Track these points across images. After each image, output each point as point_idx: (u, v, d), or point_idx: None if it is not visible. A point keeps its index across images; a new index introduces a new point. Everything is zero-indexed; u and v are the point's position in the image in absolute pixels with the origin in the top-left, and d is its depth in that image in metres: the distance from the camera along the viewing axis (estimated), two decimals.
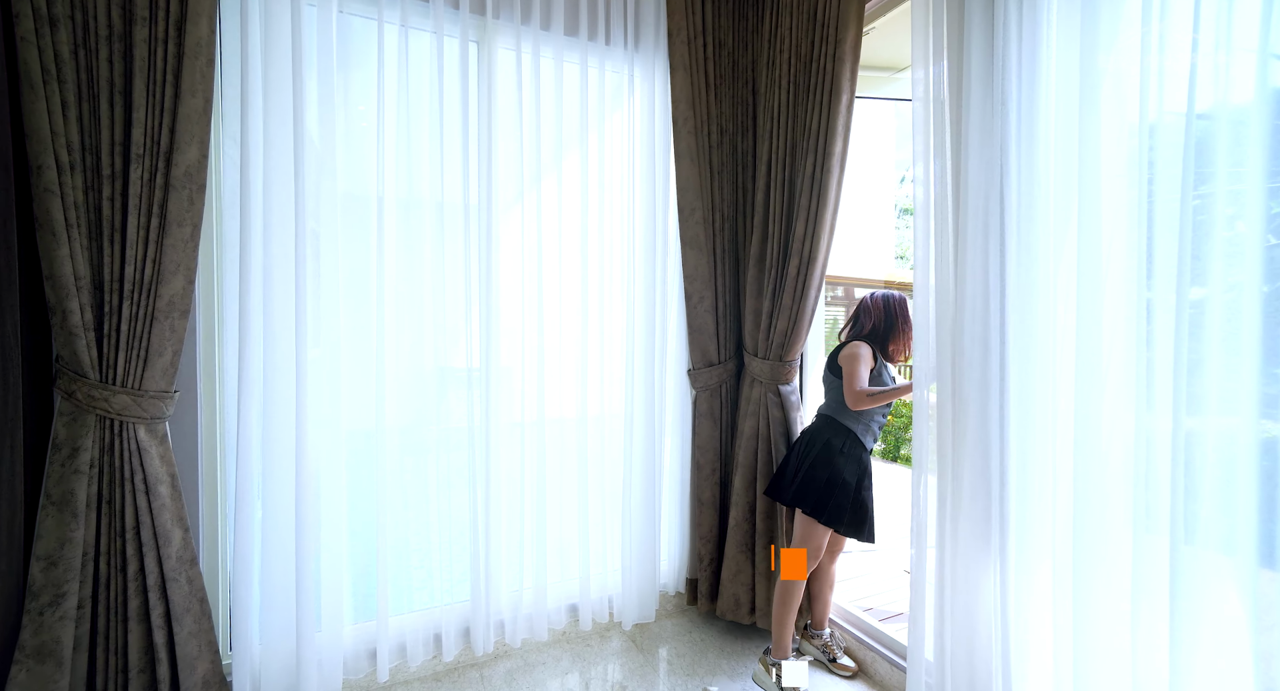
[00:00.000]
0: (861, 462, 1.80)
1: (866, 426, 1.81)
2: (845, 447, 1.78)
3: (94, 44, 1.30)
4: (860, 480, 1.80)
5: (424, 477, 1.95)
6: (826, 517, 1.74)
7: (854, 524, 1.80)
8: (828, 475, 1.75)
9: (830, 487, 1.74)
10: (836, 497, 1.74)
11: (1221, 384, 1.00)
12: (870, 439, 1.82)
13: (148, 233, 1.39)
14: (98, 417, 1.35)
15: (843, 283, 10.61)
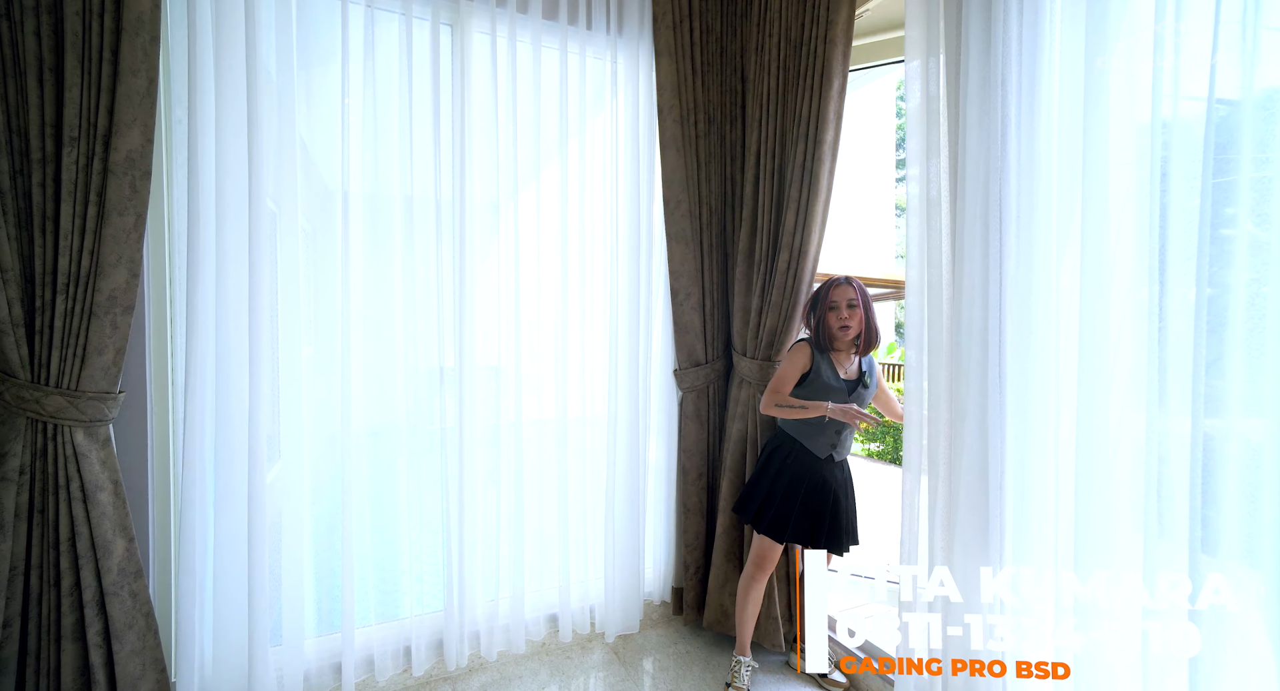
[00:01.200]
0: (810, 472, 1.67)
1: (816, 434, 1.68)
2: (789, 457, 1.69)
3: (18, 16, 1.20)
4: (811, 490, 1.67)
5: (393, 481, 1.86)
6: (765, 527, 1.68)
7: (801, 535, 1.67)
8: (767, 484, 1.71)
9: (771, 497, 1.69)
10: (778, 508, 1.66)
11: (1243, 384, 0.91)
12: (823, 447, 1.68)
13: (84, 221, 1.29)
14: (29, 420, 1.25)
15: None
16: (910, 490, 1.42)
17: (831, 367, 1.68)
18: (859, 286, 1.65)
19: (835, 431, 1.67)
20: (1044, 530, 1.22)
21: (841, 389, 1.66)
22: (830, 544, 1.68)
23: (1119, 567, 1.09)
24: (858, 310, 1.64)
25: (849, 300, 1.64)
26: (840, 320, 1.64)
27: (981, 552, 1.29)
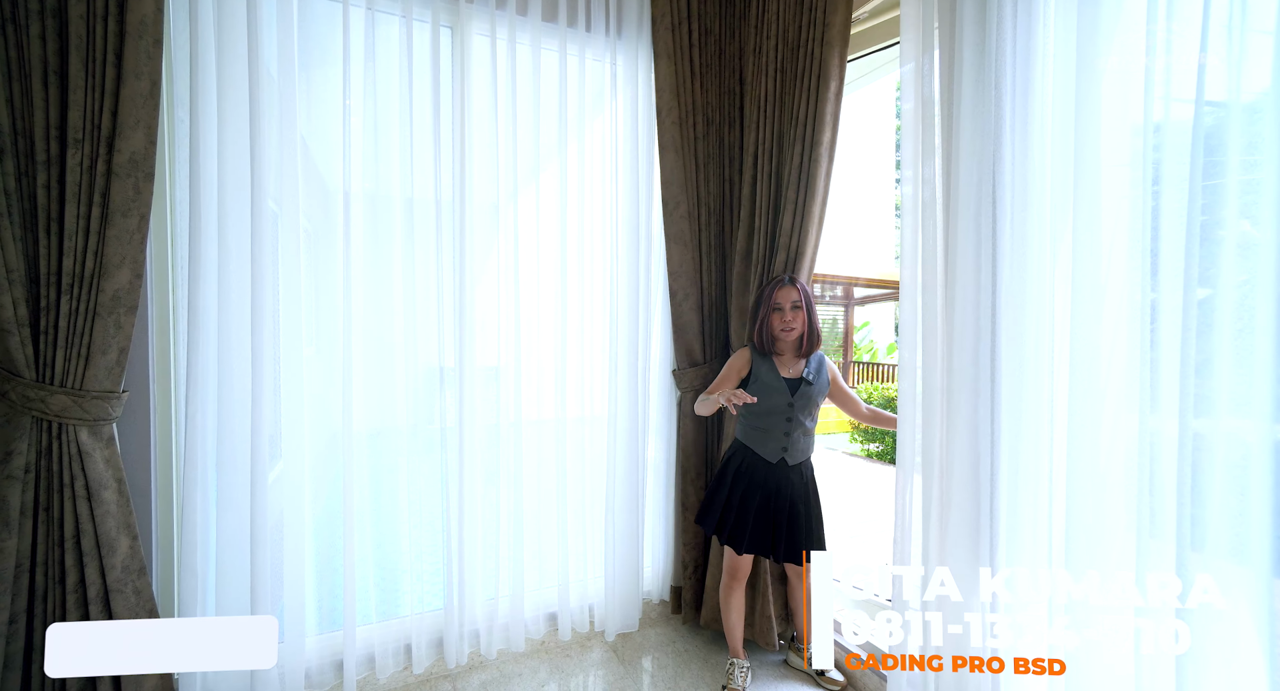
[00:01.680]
0: (764, 479, 1.67)
1: (764, 439, 1.68)
2: (743, 464, 1.71)
3: (24, 19, 1.22)
4: (765, 499, 1.66)
5: (394, 481, 1.87)
6: (725, 538, 1.70)
7: (758, 545, 1.67)
8: (724, 493, 1.72)
9: (729, 506, 1.70)
10: (735, 517, 1.68)
11: (1232, 385, 0.92)
12: (773, 452, 1.66)
13: (89, 223, 1.30)
14: (34, 419, 1.27)
15: (842, 282, 10.55)
16: (904, 490, 1.43)
17: (772, 368, 1.68)
18: (802, 287, 1.66)
19: (784, 433, 1.65)
20: (1037, 530, 1.23)
21: (783, 389, 1.65)
22: (789, 555, 1.65)
23: (1111, 566, 1.10)
24: (801, 311, 1.65)
25: (793, 302, 1.65)
26: (784, 321, 1.64)
27: (974, 552, 1.30)
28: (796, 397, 1.65)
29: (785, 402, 1.64)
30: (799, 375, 1.68)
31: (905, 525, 1.43)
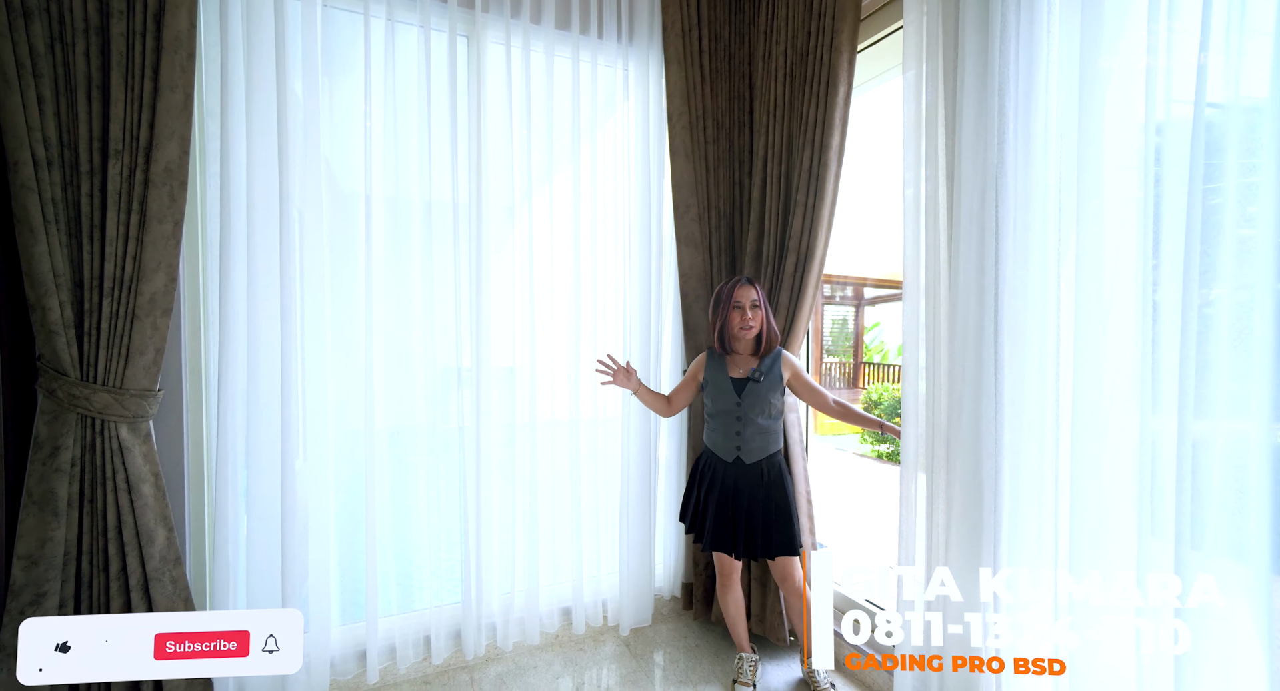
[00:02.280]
0: (722, 478, 1.70)
1: (718, 439, 1.72)
2: (705, 465, 1.77)
3: (70, 38, 1.29)
4: (721, 497, 1.70)
5: (413, 479, 1.93)
6: (698, 536, 1.76)
7: (720, 543, 1.69)
8: (693, 493, 1.79)
9: (698, 506, 1.76)
10: (701, 517, 1.74)
11: (1231, 386, 0.95)
12: (728, 451, 1.70)
13: (128, 229, 1.37)
14: (79, 416, 1.34)
15: (852, 282, 10.52)
16: (908, 491, 1.46)
17: (722, 368, 1.72)
18: (759, 288, 1.71)
19: (735, 432, 1.68)
20: (1042, 529, 1.25)
21: (729, 389, 1.70)
22: (749, 552, 1.68)
23: (1112, 566, 1.12)
24: (759, 310, 1.68)
25: (752, 301, 1.68)
26: (743, 320, 1.67)
27: (977, 552, 1.32)
28: (744, 396, 1.67)
29: (733, 402, 1.68)
30: (746, 373, 1.70)
31: (910, 526, 1.45)
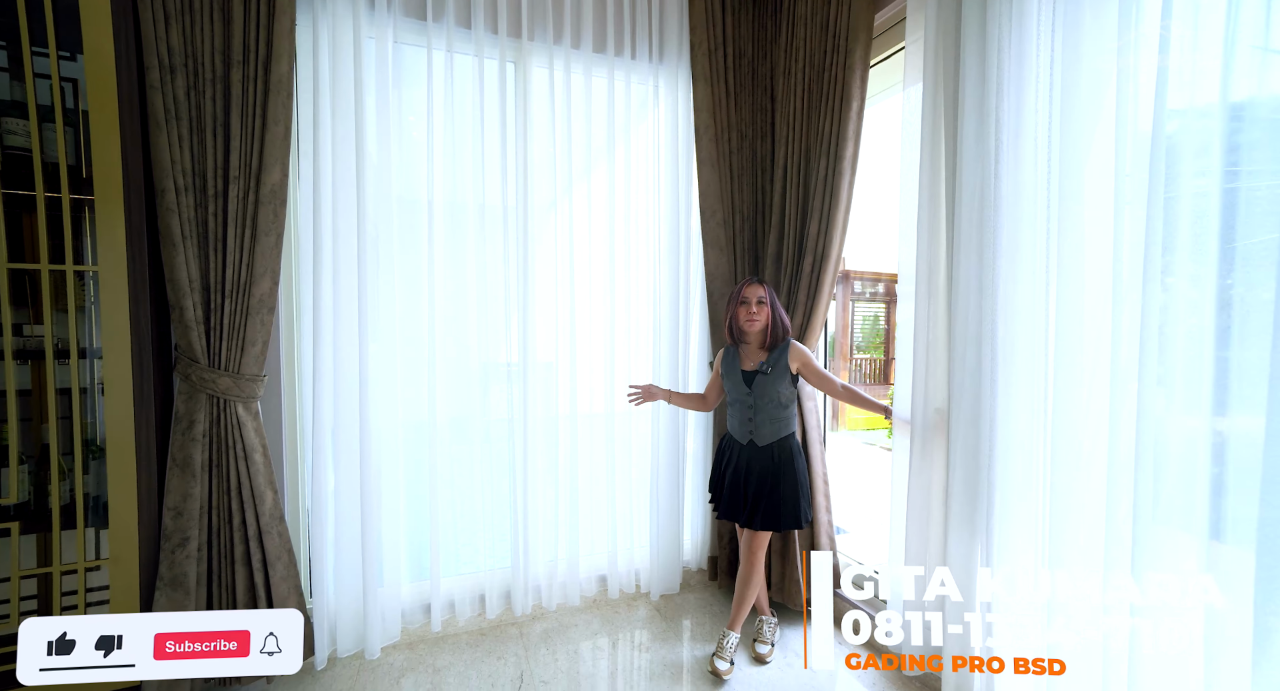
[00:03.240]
0: (735, 457, 1.90)
1: (734, 423, 1.92)
2: (724, 445, 1.97)
3: (202, 86, 1.57)
4: (734, 473, 1.88)
5: (470, 460, 2.18)
6: (715, 505, 2.00)
7: (732, 512, 1.89)
8: (715, 469, 2.01)
9: (714, 478, 2.00)
10: (717, 487, 1.97)
11: (1186, 382, 1.09)
12: (742, 433, 1.87)
13: (242, 242, 1.65)
14: (207, 396, 1.63)
15: (884, 279, 10.45)
16: (904, 488, 1.61)
17: (735, 360, 1.89)
18: (768, 287, 1.85)
19: (748, 419, 1.86)
20: (1028, 526, 1.38)
21: (740, 381, 1.87)
22: (747, 522, 1.86)
23: (1089, 557, 1.24)
24: (765, 307, 1.82)
25: (758, 297, 1.82)
26: (748, 314, 1.81)
27: (970, 549, 1.48)
28: (754, 387, 1.83)
29: (745, 392, 1.85)
30: (756, 367, 1.85)
31: (916, 524, 1.62)
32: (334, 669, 1.84)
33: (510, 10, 2.07)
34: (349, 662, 1.88)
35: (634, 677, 1.83)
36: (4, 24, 1.40)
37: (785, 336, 1.85)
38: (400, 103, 1.99)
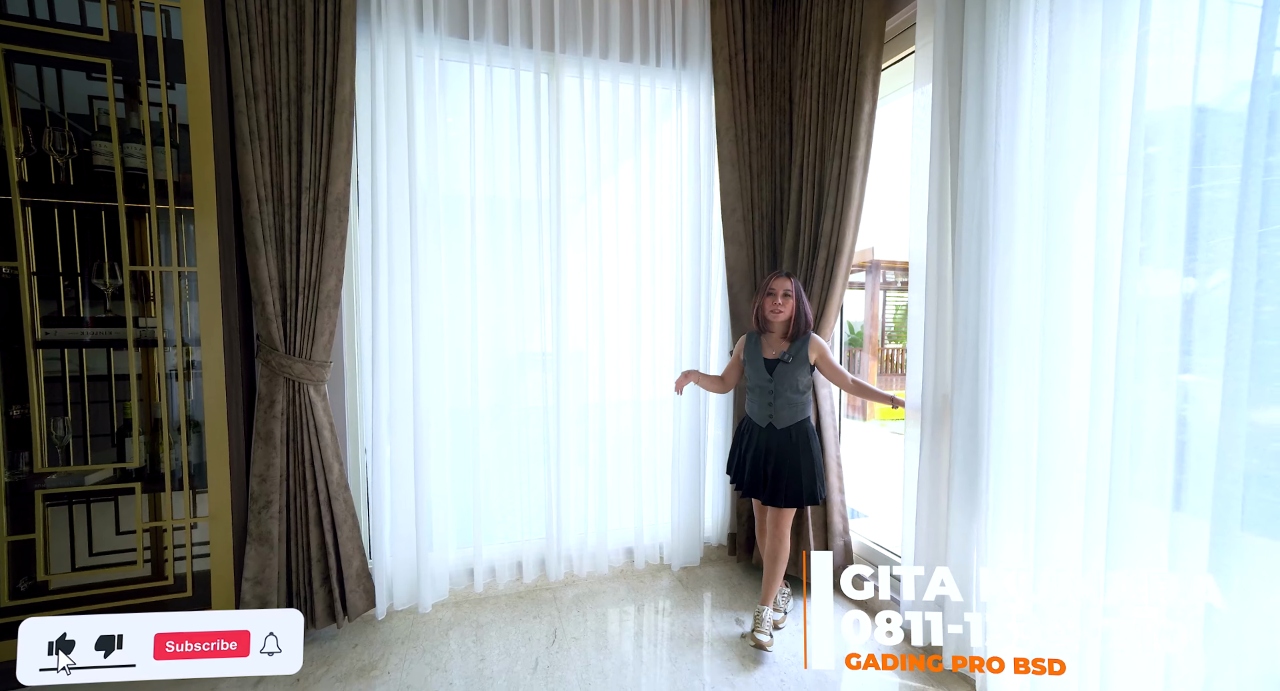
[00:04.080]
0: (755, 439, 2.01)
1: (753, 407, 2.02)
2: (744, 427, 2.09)
3: (279, 109, 1.79)
4: (754, 455, 1.99)
5: (508, 441, 2.39)
6: (736, 485, 2.09)
7: (753, 490, 2.00)
8: (734, 449, 2.11)
9: (733, 459, 2.11)
10: (738, 467, 2.06)
11: (1159, 367, 1.19)
12: (761, 417, 1.98)
13: (312, 244, 1.88)
14: (285, 379, 1.87)
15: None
16: (914, 470, 1.73)
17: (757, 348, 1.99)
18: (795, 282, 1.94)
19: (768, 403, 1.97)
20: (1019, 501, 1.49)
21: (762, 368, 1.97)
22: (771, 500, 1.96)
23: (1071, 528, 1.34)
24: (790, 299, 1.91)
25: (784, 290, 1.91)
26: (774, 305, 1.91)
27: (974, 495, 1.60)
28: (775, 374, 1.94)
29: (766, 379, 1.95)
30: (778, 355, 1.96)
31: (920, 487, 1.74)
32: (391, 620, 2.09)
33: (544, 26, 2.24)
34: (404, 615, 2.13)
35: (657, 637, 2.02)
36: (124, 63, 1.65)
37: (807, 329, 1.95)
38: (446, 113, 2.19)
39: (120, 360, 1.89)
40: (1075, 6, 1.31)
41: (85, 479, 1.76)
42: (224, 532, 1.80)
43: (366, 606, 2.00)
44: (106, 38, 1.60)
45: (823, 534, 2.33)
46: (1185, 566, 1.11)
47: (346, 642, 1.95)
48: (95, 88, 1.77)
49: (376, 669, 1.80)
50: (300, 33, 1.80)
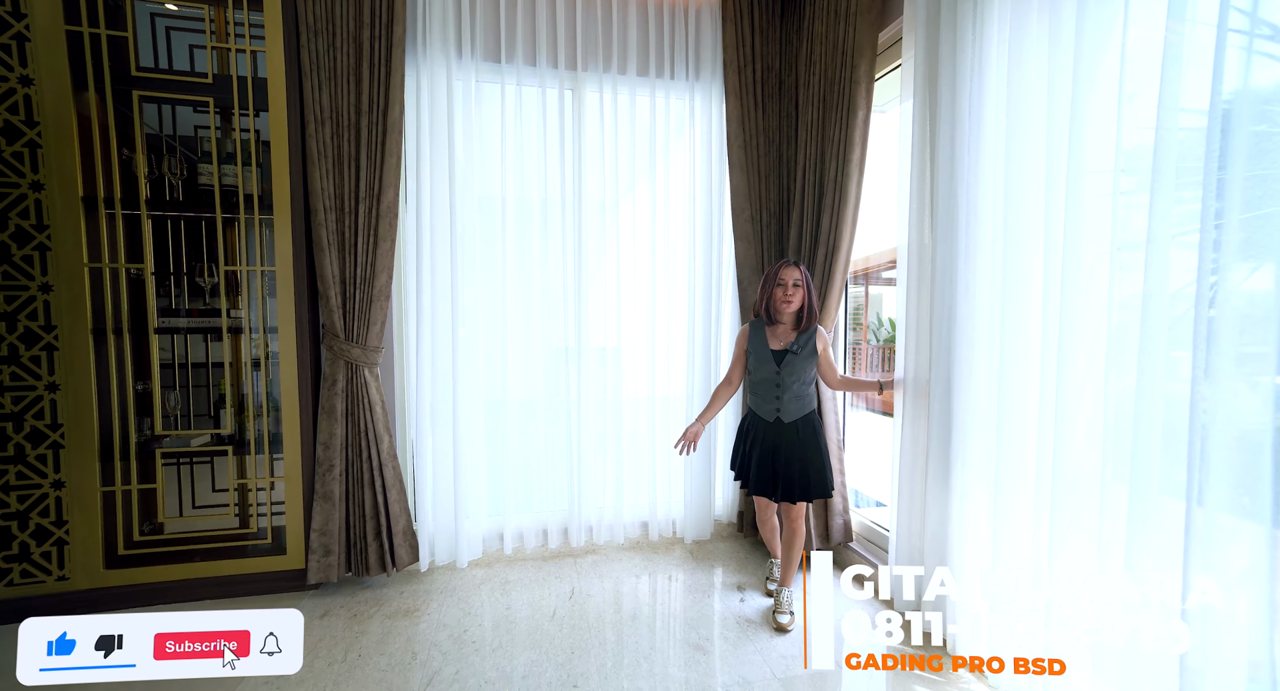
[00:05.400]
0: (763, 435, 1.98)
1: (760, 402, 2.01)
2: (750, 423, 2.06)
3: (341, 132, 2.11)
4: (763, 451, 1.97)
5: (534, 423, 2.67)
6: (743, 483, 2.10)
7: (761, 487, 1.99)
8: (739, 446, 2.10)
9: (736, 456, 2.11)
10: (743, 465, 2.06)
11: (1090, 346, 1.32)
12: (769, 412, 1.96)
13: (367, 246, 2.19)
14: (344, 363, 2.19)
15: None
16: (898, 444, 1.89)
17: (763, 339, 1.97)
18: (804, 270, 1.94)
19: (775, 397, 1.96)
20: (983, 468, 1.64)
21: (769, 359, 1.95)
22: (785, 496, 1.95)
23: (1025, 488, 1.49)
24: (800, 289, 1.91)
25: (794, 280, 1.90)
26: (785, 295, 1.90)
27: (946, 469, 1.75)
28: (783, 366, 1.93)
29: (773, 371, 1.93)
30: (785, 346, 1.94)
31: (900, 463, 1.90)
32: (432, 573, 2.40)
33: (567, 47, 2.49)
34: (444, 570, 2.43)
35: (669, 598, 2.24)
36: (222, 98, 2.00)
37: (817, 320, 1.97)
38: (481, 127, 2.48)
39: (214, 345, 2.27)
40: (1031, 30, 1.45)
41: (191, 441, 2.13)
42: (296, 491, 2.14)
43: (411, 560, 2.31)
44: (210, 80, 1.96)
45: (823, 513, 2.49)
46: (1110, 528, 1.25)
47: (394, 589, 2.26)
48: (200, 119, 2.13)
49: (419, 611, 2.10)
50: (359, 66, 2.11)
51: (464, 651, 1.84)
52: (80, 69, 1.88)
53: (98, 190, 1.94)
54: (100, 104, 1.93)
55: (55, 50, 1.84)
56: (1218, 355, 1.06)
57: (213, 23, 2.03)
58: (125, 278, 1.98)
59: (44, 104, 1.84)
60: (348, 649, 1.84)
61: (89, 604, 1.92)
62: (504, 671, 1.74)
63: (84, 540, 1.96)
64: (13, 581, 1.92)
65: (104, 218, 1.96)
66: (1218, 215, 1.09)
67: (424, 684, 1.67)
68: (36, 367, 1.90)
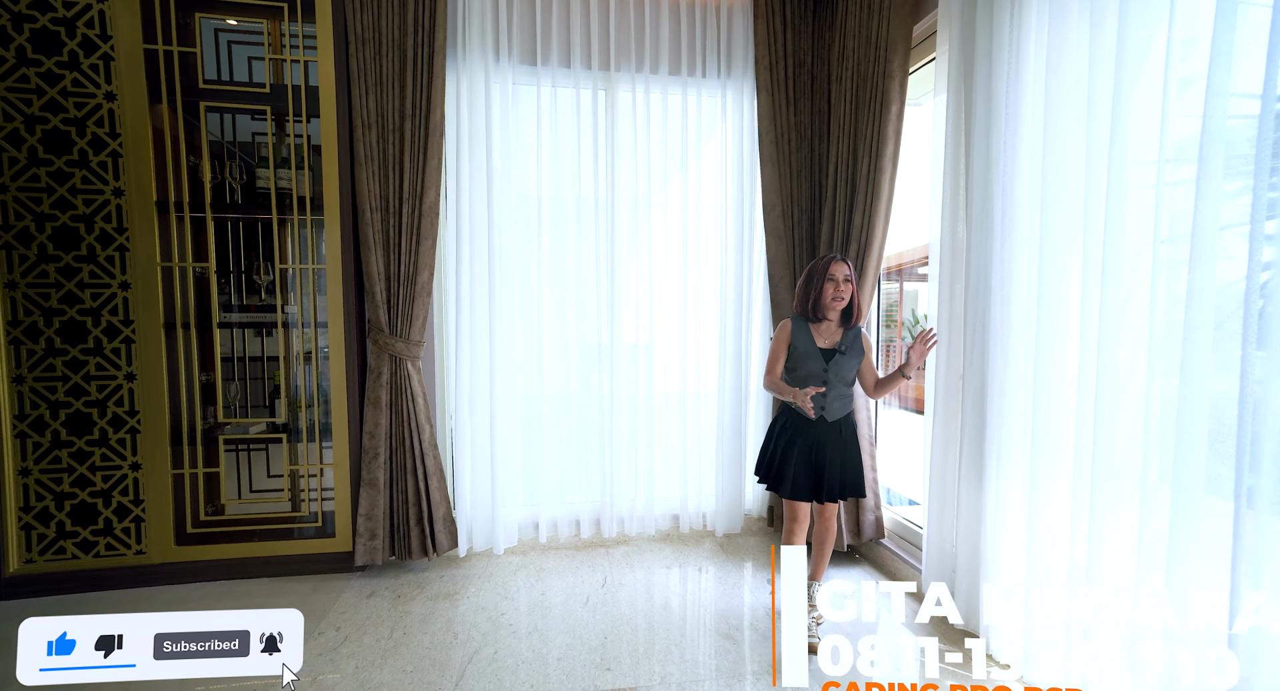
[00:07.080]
0: (805, 434, 1.86)
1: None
2: (788, 422, 1.92)
3: (386, 135, 2.21)
4: (805, 450, 1.85)
5: (569, 417, 2.74)
6: (772, 485, 1.92)
7: (800, 490, 1.85)
8: (772, 448, 1.95)
9: (770, 459, 1.94)
10: (777, 467, 1.90)
11: (1133, 342, 1.29)
12: (817, 409, 1.82)
13: (410, 245, 2.29)
14: (389, 356, 2.30)
15: None
16: (929, 439, 1.87)
17: (808, 336, 1.85)
18: (851, 266, 1.84)
19: (820, 395, 1.83)
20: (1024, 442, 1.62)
21: (817, 355, 1.84)
22: (828, 497, 1.85)
23: (1062, 496, 1.47)
24: (851, 284, 1.82)
25: (845, 275, 1.81)
26: (837, 291, 1.80)
27: (980, 466, 1.73)
28: (830, 365, 1.84)
29: (820, 368, 1.83)
30: (833, 345, 1.86)
31: (932, 462, 1.88)
32: (470, 559, 2.50)
33: (600, 49, 2.54)
34: (481, 555, 2.53)
35: (700, 589, 2.28)
36: (277, 105, 2.13)
37: (862, 318, 1.90)
38: (518, 128, 2.55)
39: (270, 338, 2.41)
40: (1071, 20, 1.42)
41: (249, 429, 2.28)
42: (344, 477, 2.26)
43: (450, 545, 2.41)
44: (267, 89, 2.09)
45: (854, 509, 2.48)
46: (1151, 533, 1.23)
47: (435, 573, 2.37)
48: (257, 126, 2.27)
49: (459, 594, 2.20)
50: (403, 73, 2.21)
51: (501, 633, 1.92)
52: (155, 83, 2.04)
53: (169, 194, 2.10)
54: (171, 115, 2.08)
55: (135, 67, 2.01)
56: (1269, 350, 1.04)
57: (269, 35, 2.16)
58: (191, 276, 2.13)
59: (125, 117, 2.01)
60: (393, 627, 1.94)
61: (166, 576, 2.09)
62: (540, 652, 1.81)
63: (158, 518, 2.12)
64: (99, 553, 2.10)
65: (174, 220, 2.11)
66: (1270, 206, 1.06)
67: (465, 661, 1.75)
68: (117, 359, 2.07)
